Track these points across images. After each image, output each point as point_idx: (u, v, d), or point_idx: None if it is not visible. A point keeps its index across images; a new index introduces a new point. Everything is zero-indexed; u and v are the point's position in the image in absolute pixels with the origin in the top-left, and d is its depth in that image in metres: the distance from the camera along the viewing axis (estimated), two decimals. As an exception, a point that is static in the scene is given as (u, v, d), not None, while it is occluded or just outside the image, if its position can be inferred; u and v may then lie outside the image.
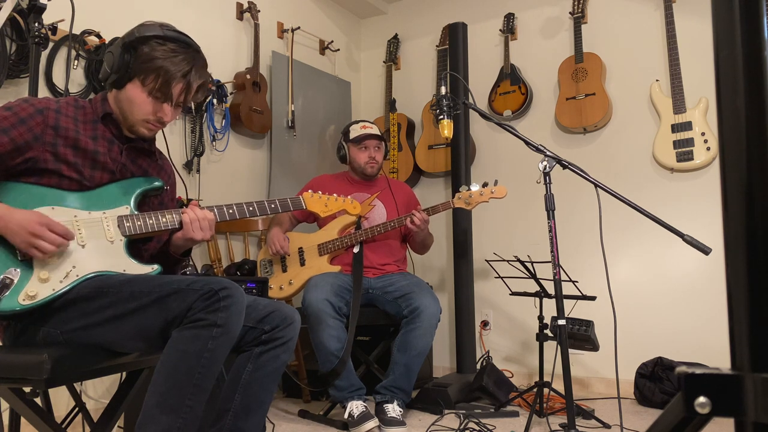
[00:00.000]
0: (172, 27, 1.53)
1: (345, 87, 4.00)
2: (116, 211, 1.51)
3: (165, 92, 1.49)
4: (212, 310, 1.31)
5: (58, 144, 1.45)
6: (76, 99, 1.58)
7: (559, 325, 2.10)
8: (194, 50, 1.53)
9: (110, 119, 1.55)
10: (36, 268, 1.37)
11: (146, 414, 1.29)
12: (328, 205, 1.77)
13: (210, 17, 3.12)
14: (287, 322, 1.51)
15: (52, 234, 1.35)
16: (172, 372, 1.30)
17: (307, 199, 1.74)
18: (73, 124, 1.49)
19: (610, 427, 2.44)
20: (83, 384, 2.41)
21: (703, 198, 3.03)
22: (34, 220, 1.34)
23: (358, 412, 2.40)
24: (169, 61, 1.47)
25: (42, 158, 1.43)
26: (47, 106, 1.47)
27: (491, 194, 2.64)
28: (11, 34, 2.22)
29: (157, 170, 1.68)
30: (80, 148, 1.48)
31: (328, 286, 2.54)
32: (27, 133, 1.41)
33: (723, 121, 0.49)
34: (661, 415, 0.51)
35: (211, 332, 1.30)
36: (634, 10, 3.32)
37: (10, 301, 1.33)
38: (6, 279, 1.33)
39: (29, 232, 1.33)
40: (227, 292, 1.33)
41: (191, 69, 1.50)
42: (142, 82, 1.48)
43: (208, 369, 1.31)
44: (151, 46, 1.47)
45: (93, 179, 1.50)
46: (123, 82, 1.50)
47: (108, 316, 1.37)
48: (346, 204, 1.80)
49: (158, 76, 1.47)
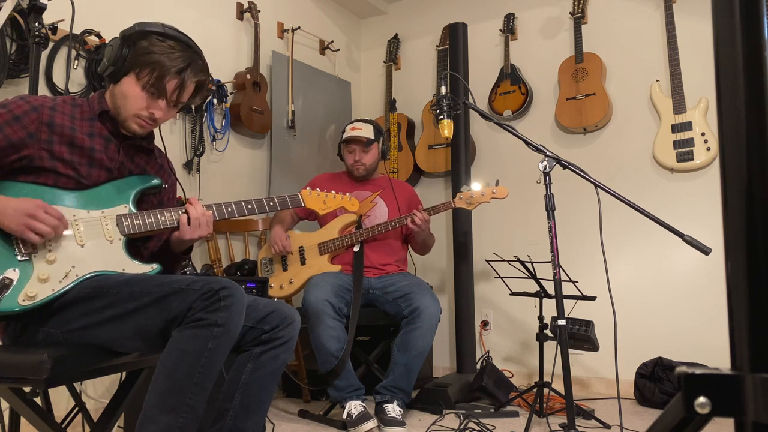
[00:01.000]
0: (175, 28, 1.53)
1: (345, 87, 4.00)
2: (115, 210, 1.50)
3: (158, 87, 1.48)
4: (212, 310, 1.31)
5: (53, 142, 1.44)
6: (74, 97, 1.58)
7: (559, 325, 2.10)
8: (193, 51, 1.52)
9: (107, 116, 1.55)
10: (36, 269, 1.37)
11: (146, 414, 1.29)
12: (326, 203, 1.77)
13: (210, 17, 3.12)
14: (287, 321, 1.51)
15: (47, 216, 1.35)
16: (173, 372, 1.30)
17: (306, 196, 1.74)
18: (69, 122, 1.48)
19: (610, 427, 2.44)
20: (83, 384, 2.41)
21: (703, 198, 3.03)
22: (31, 202, 1.35)
23: (357, 412, 2.40)
24: (166, 57, 1.47)
25: (37, 156, 1.42)
26: (42, 103, 1.46)
27: (492, 195, 2.64)
28: (11, 34, 2.22)
29: (157, 168, 1.68)
30: (76, 146, 1.47)
31: (329, 286, 2.54)
32: (21, 130, 1.41)
33: (723, 121, 0.49)
34: (661, 415, 0.51)
35: (212, 332, 1.30)
36: (634, 10, 3.32)
37: (9, 301, 1.33)
38: (5, 279, 1.33)
39: (26, 214, 1.33)
40: (227, 292, 1.33)
41: (187, 66, 1.49)
42: (137, 75, 1.48)
43: (208, 368, 1.31)
44: (150, 41, 1.48)
45: (90, 177, 1.49)
46: (119, 76, 1.50)
47: (108, 316, 1.37)
48: (345, 201, 1.80)
49: (153, 70, 1.46)
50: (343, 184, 2.95)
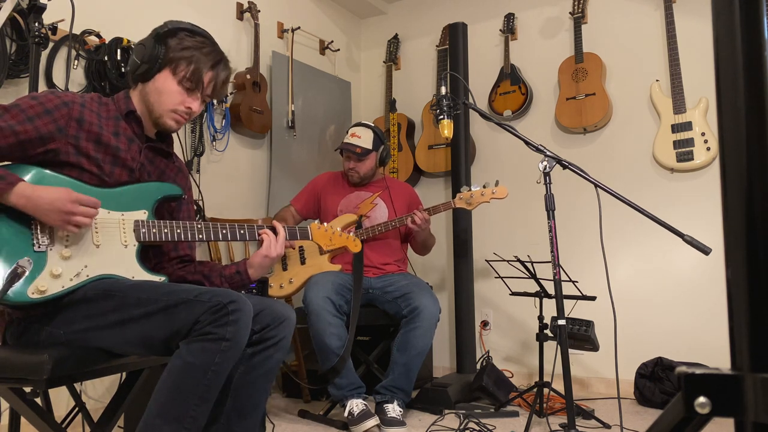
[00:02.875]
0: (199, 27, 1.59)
1: (345, 87, 4.00)
2: (134, 215, 1.50)
3: (195, 80, 1.53)
4: (221, 324, 1.30)
5: (80, 137, 1.45)
6: (99, 96, 1.58)
7: (559, 325, 2.10)
8: (218, 46, 1.59)
9: (133, 117, 1.56)
10: (49, 263, 1.36)
11: (147, 422, 1.28)
12: (332, 240, 1.85)
13: (210, 17, 3.12)
14: (278, 320, 1.48)
15: (84, 207, 1.36)
16: (178, 383, 1.29)
17: (314, 231, 1.81)
18: (96, 119, 1.50)
19: (610, 427, 2.44)
20: (83, 384, 2.41)
21: (703, 198, 3.03)
22: (64, 198, 1.34)
23: (358, 411, 2.40)
24: (199, 51, 1.53)
25: (64, 150, 1.43)
26: (73, 99, 1.48)
27: (492, 195, 2.64)
28: (11, 34, 2.22)
29: (175, 172, 1.69)
30: (102, 143, 1.48)
31: (329, 284, 2.55)
32: (51, 123, 1.42)
33: (723, 121, 0.49)
34: (661, 415, 0.51)
35: (220, 346, 1.30)
36: (634, 10, 3.32)
37: (20, 292, 1.32)
38: (18, 268, 1.30)
39: (63, 211, 1.33)
40: (236, 306, 1.32)
41: (220, 61, 1.57)
42: (174, 70, 1.52)
43: (214, 381, 1.31)
44: (180, 37, 1.53)
45: (113, 175, 1.50)
46: (152, 73, 1.53)
47: (113, 320, 1.37)
48: (349, 242, 1.87)
49: (190, 63, 1.52)
50: (342, 186, 2.96)
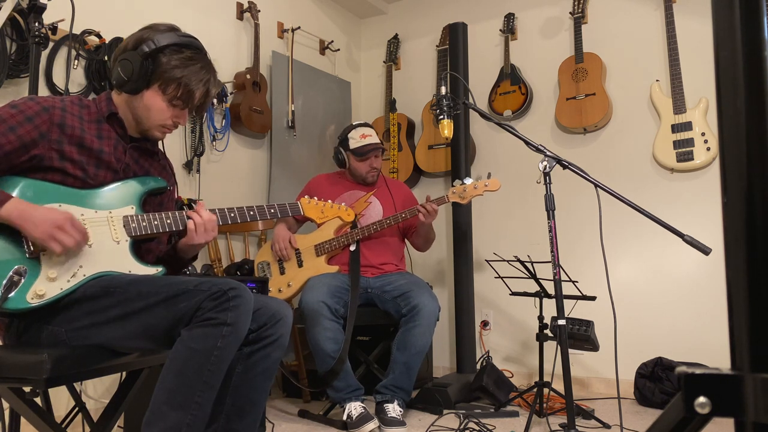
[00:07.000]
0: (180, 30, 1.55)
1: (345, 87, 4.00)
2: (122, 211, 1.51)
3: (185, 100, 1.53)
4: (222, 310, 1.32)
5: (63, 142, 1.45)
6: (80, 98, 1.58)
7: (559, 325, 2.10)
8: (205, 55, 1.56)
9: (115, 119, 1.56)
10: (44, 267, 1.37)
11: (154, 410, 1.29)
12: (324, 212, 1.83)
13: (210, 17, 3.12)
14: (275, 318, 1.49)
15: (74, 229, 1.37)
16: (182, 369, 1.30)
17: (305, 204, 1.78)
18: (78, 123, 1.49)
19: (610, 427, 2.44)
20: (83, 384, 2.41)
21: (703, 198, 3.03)
22: (63, 215, 1.36)
23: (357, 414, 2.40)
24: (189, 70, 1.51)
25: (47, 156, 1.43)
26: (53, 104, 1.47)
27: (485, 187, 2.63)
28: (11, 34, 2.22)
29: (160, 170, 1.69)
30: (85, 147, 1.48)
31: (325, 287, 2.55)
32: (33, 131, 1.41)
33: (723, 121, 0.49)
34: (661, 415, 0.51)
35: (221, 331, 1.31)
36: (634, 10, 3.32)
37: (18, 299, 1.33)
38: (14, 277, 1.33)
39: (54, 225, 1.34)
40: (236, 292, 1.34)
41: (210, 77, 1.55)
42: (163, 90, 1.51)
43: (217, 366, 1.32)
44: (168, 55, 1.50)
45: (97, 178, 1.50)
46: (139, 90, 1.52)
47: (114, 315, 1.38)
48: (341, 211, 1.86)
49: (179, 85, 1.51)
50: (336, 186, 2.95)
